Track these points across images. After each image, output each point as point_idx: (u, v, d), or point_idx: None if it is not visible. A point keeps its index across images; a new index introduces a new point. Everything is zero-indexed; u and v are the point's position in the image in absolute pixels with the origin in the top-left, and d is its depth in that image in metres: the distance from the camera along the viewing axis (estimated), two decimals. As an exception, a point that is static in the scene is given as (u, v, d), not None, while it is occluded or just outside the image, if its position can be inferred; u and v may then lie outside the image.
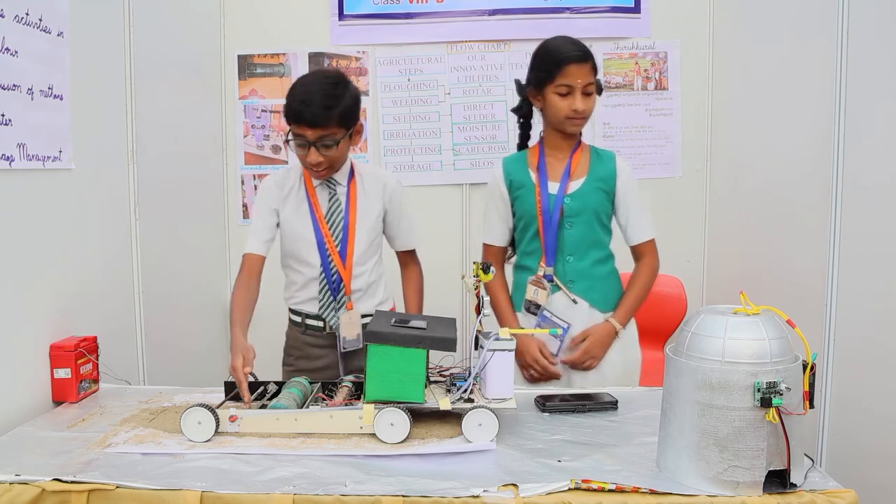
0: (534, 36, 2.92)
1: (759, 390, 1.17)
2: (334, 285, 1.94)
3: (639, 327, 2.06)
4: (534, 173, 1.97)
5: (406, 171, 3.00)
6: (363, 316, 1.97)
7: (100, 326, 1.93)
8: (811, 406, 1.23)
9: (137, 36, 2.27)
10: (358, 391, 1.62)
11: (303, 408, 1.53)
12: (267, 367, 1.88)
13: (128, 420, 1.60)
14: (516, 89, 2.03)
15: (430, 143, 3.00)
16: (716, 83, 2.93)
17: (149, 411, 1.66)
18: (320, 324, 1.97)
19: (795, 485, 1.22)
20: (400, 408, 1.45)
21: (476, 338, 1.53)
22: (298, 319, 2.00)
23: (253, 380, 1.68)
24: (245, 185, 3.02)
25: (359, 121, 1.91)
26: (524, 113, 2.05)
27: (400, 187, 2.04)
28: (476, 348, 1.53)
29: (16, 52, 1.65)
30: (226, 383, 1.67)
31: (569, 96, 1.89)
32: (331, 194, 1.95)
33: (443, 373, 1.62)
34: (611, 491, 1.23)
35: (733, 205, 2.78)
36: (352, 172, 1.97)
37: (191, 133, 2.76)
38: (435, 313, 1.67)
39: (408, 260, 2.09)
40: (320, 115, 1.79)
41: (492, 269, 1.56)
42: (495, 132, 3.00)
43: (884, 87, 1.81)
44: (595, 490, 1.24)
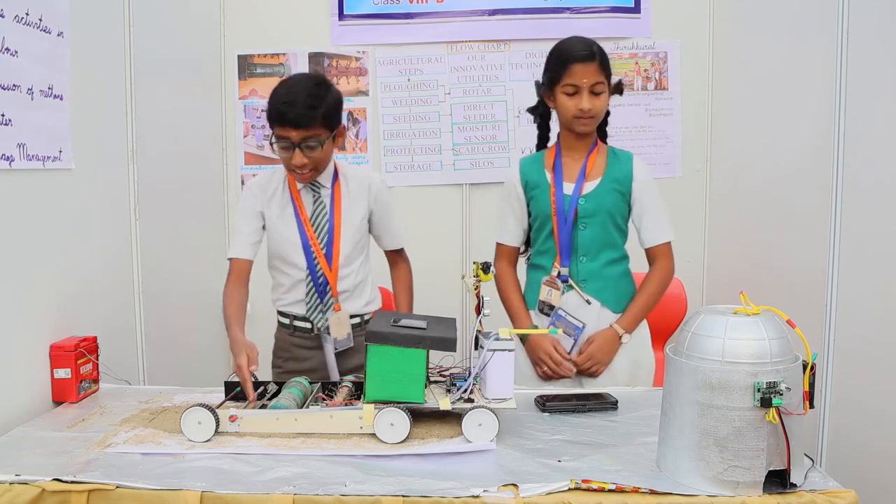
0: (534, 36, 2.94)
1: (759, 390, 1.17)
2: (321, 287, 1.93)
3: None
4: (549, 173, 1.97)
5: (406, 171, 3.00)
6: (352, 316, 1.97)
7: (100, 326, 1.93)
8: (811, 406, 1.23)
9: (137, 36, 2.27)
10: (358, 391, 1.62)
11: (303, 408, 1.54)
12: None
13: (128, 420, 1.60)
14: (535, 90, 2.03)
15: (430, 143, 3.00)
16: (716, 83, 2.92)
17: (149, 411, 1.66)
18: (308, 325, 1.97)
19: (795, 485, 1.22)
20: (400, 408, 1.45)
21: (476, 338, 1.53)
22: (286, 321, 2.00)
23: (253, 380, 1.68)
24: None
25: (342, 123, 1.91)
26: (541, 113, 2.05)
27: (384, 187, 2.04)
28: (476, 348, 1.53)
29: (16, 52, 1.65)
30: (226, 383, 1.67)
31: (575, 96, 1.89)
32: (315, 196, 1.94)
33: (443, 373, 1.62)
34: (611, 491, 1.23)
35: (733, 205, 2.78)
36: (335, 174, 1.97)
37: (191, 133, 2.76)
38: (435, 313, 1.67)
39: (397, 258, 2.10)
40: (304, 115, 1.79)
41: (492, 269, 1.56)
42: (495, 132, 3.00)
43: (884, 87, 1.81)
44: (595, 490, 1.24)
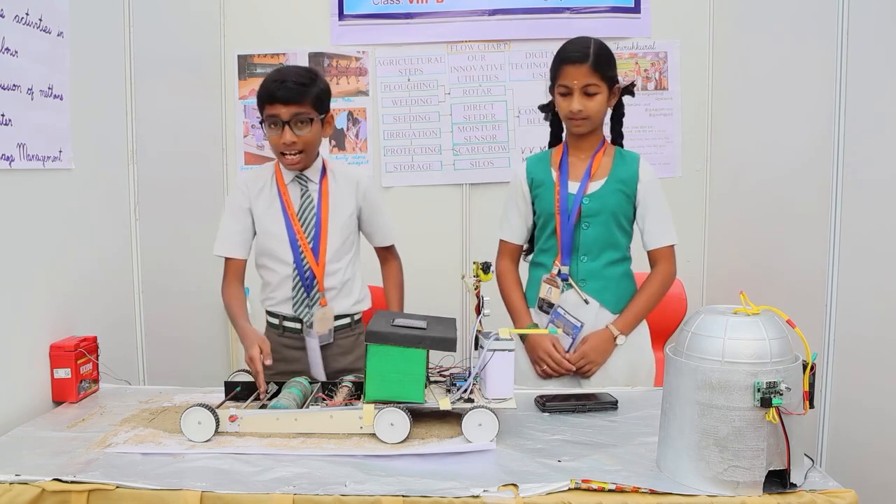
0: (534, 36, 2.94)
1: (759, 390, 1.17)
2: (307, 282, 1.93)
3: (639, 328, 2.05)
4: (555, 172, 1.98)
5: (406, 171, 3.00)
6: (340, 316, 1.97)
7: (100, 326, 1.93)
8: (811, 406, 1.23)
9: (137, 36, 2.27)
10: (358, 391, 1.62)
11: (303, 408, 1.53)
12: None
13: (128, 420, 1.60)
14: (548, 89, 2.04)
15: (430, 143, 3.00)
16: (716, 83, 2.92)
17: (149, 411, 1.66)
18: (297, 325, 1.96)
19: (795, 485, 1.22)
20: (400, 408, 1.45)
21: (476, 338, 1.53)
22: (276, 321, 1.99)
23: (253, 379, 1.68)
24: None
25: (329, 112, 1.93)
26: (552, 111, 2.05)
27: (373, 184, 2.06)
28: (476, 348, 1.53)
29: (16, 52, 1.65)
30: (226, 383, 1.67)
31: (568, 97, 1.90)
32: (303, 190, 1.95)
33: (443, 373, 1.62)
34: (611, 491, 1.23)
35: (733, 205, 2.78)
36: (324, 170, 1.97)
37: (191, 133, 2.76)
38: (435, 313, 1.67)
39: (387, 256, 2.10)
40: (294, 90, 1.82)
41: (492, 268, 1.56)
42: (495, 132, 3.00)
43: (884, 87, 1.81)
44: (595, 490, 1.24)
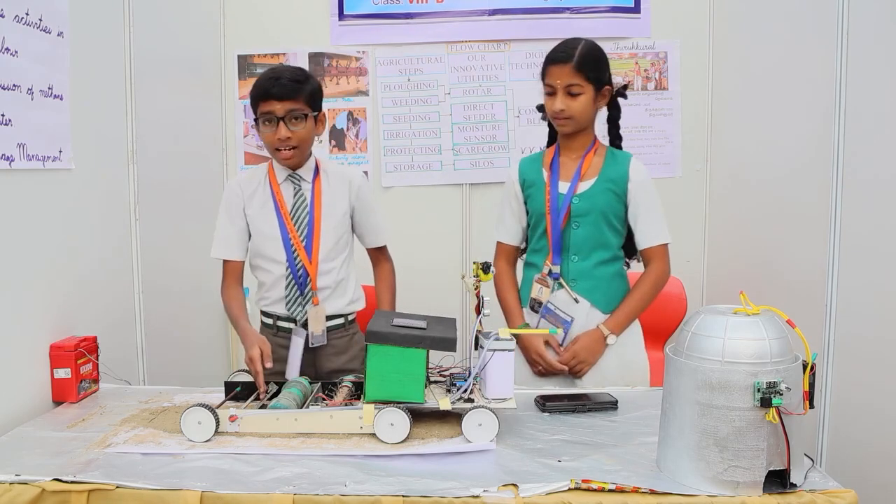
0: (534, 36, 2.94)
1: (759, 390, 1.17)
2: (300, 280, 1.92)
3: (639, 327, 2.05)
4: (546, 172, 1.99)
5: (406, 171, 3.00)
6: (333, 316, 1.97)
7: (100, 326, 1.94)
8: (811, 406, 1.23)
9: (137, 36, 2.27)
10: (358, 391, 1.62)
11: (303, 408, 1.53)
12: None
13: (128, 420, 1.60)
14: None
15: (430, 143, 3.00)
16: (716, 83, 2.92)
17: (149, 411, 1.66)
18: (291, 325, 1.96)
19: (795, 485, 1.22)
20: (400, 408, 1.45)
21: (476, 338, 1.53)
22: (270, 322, 1.99)
23: (252, 379, 1.68)
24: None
25: (322, 111, 1.94)
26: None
27: (366, 184, 2.06)
28: (476, 348, 1.53)
29: (16, 52, 1.65)
30: (226, 383, 1.67)
31: (553, 96, 1.91)
32: (296, 189, 1.95)
33: (443, 373, 1.62)
34: (611, 491, 1.23)
35: (733, 205, 2.78)
36: (316, 169, 1.98)
37: (191, 133, 2.76)
38: (435, 313, 1.67)
39: (379, 257, 2.10)
40: (289, 87, 1.84)
41: (492, 268, 1.56)
42: (495, 132, 3.00)
43: (884, 87, 1.80)
44: (595, 490, 1.24)
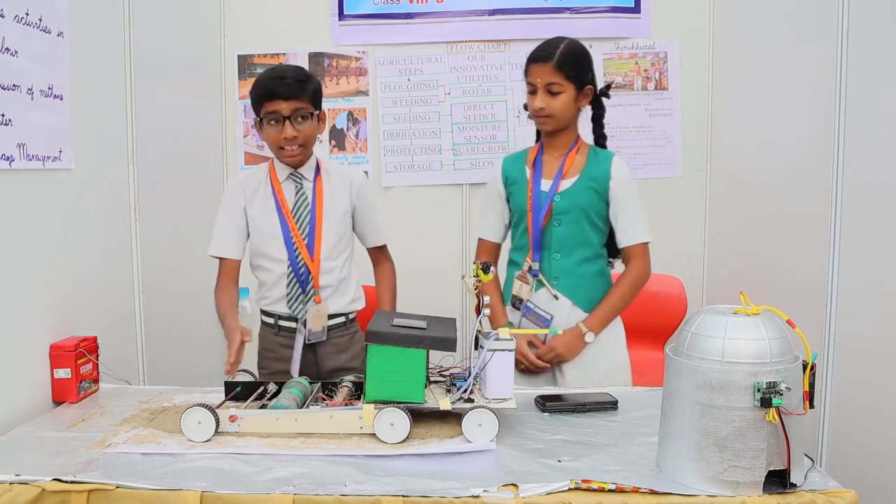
0: (534, 36, 2.92)
1: (759, 390, 1.17)
2: (302, 278, 1.93)
3: (639, 327, 2.05)
4: (529, 170, 1.99)
5: (406, 171, 3.00)
6: (335, 315, 1.97)
7: (100, 326, 1.94)
8: (811, 406, 1.23)
9: (137, 36, 2.27)
10: (358, 391, 1.62)
11: (303, 408, 1.53)
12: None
13: (128, 420, 1.60)
14: None
15: (430, 143, 3.00)
16: (716, 83, 2.92)
17: (149, 411, 1.66)
18: (293, 324, 1.96)
19: (795, 485, 1.22)
20: (400, 408, 1.45)
21: (476, 338, 1.53)
22: (271, 321, 1.99)
23: (252, 379, 1.68)
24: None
25: (322, 110, 1.95)
26: None
27: (367, 183, 2.07)
28: (476, 348, 1.53)
29: (16, 52, 1.65)
30: (226, 383, 1.67)
31: (533, 94, 1.92)
32: (297, 188, 1.95)
33: (443, 373, 1.62)
34: (611, 491, 1.23)
35: (733, 205, 2.78)
36: (318, 168, 1.98)
37: (191, 133, 2.76)
38: (435, 313, 1.67)
39: (380, 256, 2.10)
40: (294, 86, 1.84)
41: (492, 269, 1.56)
42: (495, 132, 2.99)
43: (884, 87, 1.80)
44: (595, 490, 1.24)
